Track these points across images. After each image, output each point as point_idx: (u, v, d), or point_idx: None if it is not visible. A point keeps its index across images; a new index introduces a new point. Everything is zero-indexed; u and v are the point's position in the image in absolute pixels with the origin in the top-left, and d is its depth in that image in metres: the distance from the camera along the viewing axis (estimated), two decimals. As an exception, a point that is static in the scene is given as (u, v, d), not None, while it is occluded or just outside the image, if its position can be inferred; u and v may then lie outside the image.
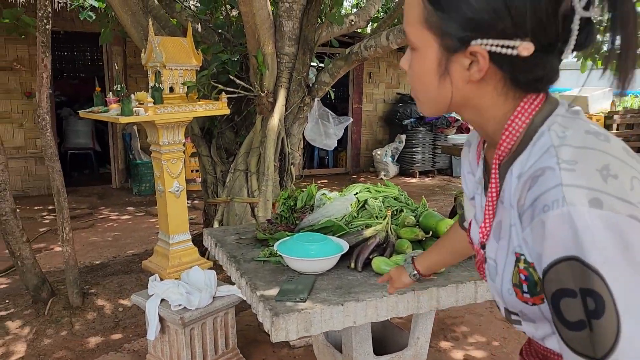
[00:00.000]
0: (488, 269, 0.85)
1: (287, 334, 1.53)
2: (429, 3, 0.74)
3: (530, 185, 0.69)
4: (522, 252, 0.75)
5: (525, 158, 0.73)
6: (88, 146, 7.81)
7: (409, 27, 0.78)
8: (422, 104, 0.84)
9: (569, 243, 0.64)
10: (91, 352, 2.92)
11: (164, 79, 3.60)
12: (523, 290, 0.77)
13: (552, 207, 0.65)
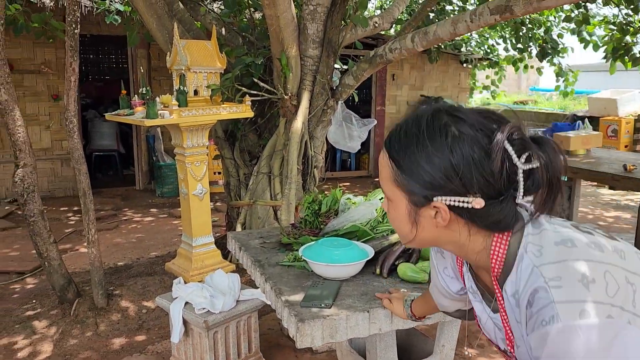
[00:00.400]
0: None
1: (313, 340, 1.50)
2: (395, 167, 0.88)
3: (529, 302, 0.80)
4: None
5: (515, 279, 0.85)
6: (112, 148, 7.91)
7: (382, 182, 0.93)
8: (403, 239, 0.97)
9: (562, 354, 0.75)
10: (115, 353, 2.94)
11: (188, 82, 3.62)
12: None
13: (549, 322, 0.76)
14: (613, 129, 7.36)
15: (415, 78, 8.69)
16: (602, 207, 6.29)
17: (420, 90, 8.73)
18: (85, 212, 3.32)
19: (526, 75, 16.58)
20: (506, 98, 11.63)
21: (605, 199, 6.75)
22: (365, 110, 8.75)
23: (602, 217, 5.77)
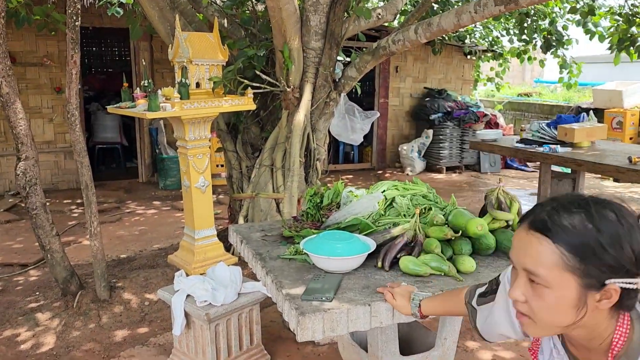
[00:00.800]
0: None
1: (313, 333, 1.50)
2: (572, 254, 0.87)
3: None
4: None
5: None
6: (115, 140, 7.92)
7: (543, 269, 0.90)
8: (538, 328, 0.95)
9: None
10: (118, 345, 2.95)
11: (190, 75, 3.60)
12: None
13: None
14: (618, 121, 7.31)
15: (418, 70, 8.64)
16: (606, 199, 6.26)
17: (423, 83, 8.69)
18: (88, 204, 3.32)
19: (530, 67, 16.47)
20: (510, 90, 11.56)
21: (609, 191, 6.72)
22: (368, 103, 8.71)
23: (606, 210, 5.75)
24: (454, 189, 6.95)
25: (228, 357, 2.52)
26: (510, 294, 0.94)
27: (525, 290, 0.92)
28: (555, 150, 4.41)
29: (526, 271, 0.92)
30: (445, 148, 8.06)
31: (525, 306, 0.93)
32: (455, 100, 8.21)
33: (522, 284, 0.93)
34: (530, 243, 0.91)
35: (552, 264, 0.89)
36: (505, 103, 10.25)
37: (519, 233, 0.94)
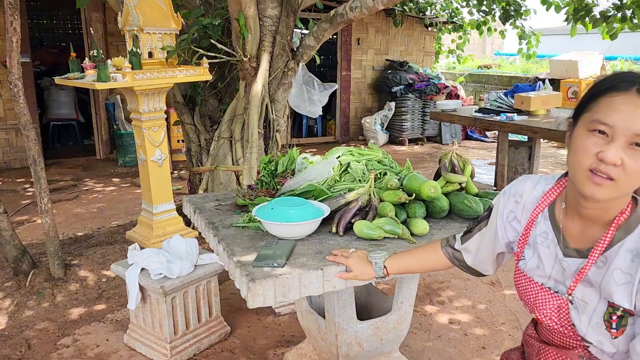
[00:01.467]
0: (576, 307, 1.10)
1: (265, 299, 1.48)
2: None
3: None
4: (621, 304, 1.02)
5: (637, 239, 1.02)
6: (71, 117, 7.64)
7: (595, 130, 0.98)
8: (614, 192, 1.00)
9: None
10: (74, 323, 2.88)
11: (142, 44, 3.47)
12: (612, 327, 1.04)
13: None
14: (573, 90, 7.47)
15: (380, 42, 8.60)
16: (562, 167, 6.43)
17: (385, 55, 8.66)
18: (37, 180, 3.20)
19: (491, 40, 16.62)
20: (471, 62, 11.65)
21: (564, 159, 6.89)
22: (331, 76, 8.65)
23: (561, 178, 5.90)
24: (416, 160, 7.00)
25: (186, 329, 2.49)
26: (610, 157, 0.97)
27: (623, 154, 0.97)
28: (512, 119, 4.47)
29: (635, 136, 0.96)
30: (408, 120, 8.10)
31: (618, 170, 0.97)
32: (417, 73, 8.22)
33: (620, 149, 0.97)
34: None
35: None
36: (466, 75, 10.34)
37: (631, 100, 0.97)
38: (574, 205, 1.10)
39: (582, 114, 1.04)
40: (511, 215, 1.25)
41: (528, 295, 1.22)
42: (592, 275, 1.07)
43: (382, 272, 1.49)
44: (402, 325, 2.15)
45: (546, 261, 1.16)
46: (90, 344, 2.65)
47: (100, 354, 2.57)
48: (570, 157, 1.05)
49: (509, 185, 1.29)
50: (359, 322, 2.03)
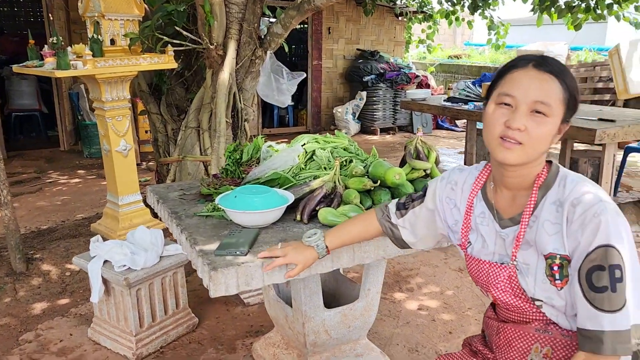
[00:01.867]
0: (521, 271, 1.21)
1: (227, 288, 1.46)
2: (567, 91, 1.13)
3: (573, 204, 1.12)
4: (557, 252, 1.14)
5: (557, 191, 1.17)
6: (33, 107, 7.40)
7: (552, 100, 1.12)
8: (523, 154, 1.14)
9: (605, 236, 1.06)
10: (36, 318, 2.80)
11: (103, 31, 3.38)
12: (556, 278, 1.15)
13: (601, 213, 1.08)
14: (540, 80, 7.60)
15: (351, 32, 8.57)
16: (529, 155, 6.54)
17: (356, 44, 8.64)
18: (-5, 172, 3.08)
19: (461, 30, 16.75)
20: (442, 52, 11.73)
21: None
22: (303, 65, 8.59)
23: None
24: (387, 149, 7.03)
25: (152, 322, 2.44)
26: (515, 124, 1.12)
27: (525, 121, 1.12)
28: (480, 108, 4.51)
29: (535, 103, 1.11)
30: (379, 109, 8.12)
31: (523, 134, 1.12)
32: (388, 62, 8.23)
33: (523, 116, 1.12)
34: (545, 80, 1.12)
35: (557, 97, 1.12)
36: (436, 65, 10.40)
37: (528, 73, 1.13)
38: (499, 181, 1.25)
39: (491, 93, 1.20)
40: (451, 203, 1.38)
41: (481, 275, 1.31)
42: (528, 236, 1.19)
43: (325, 252, 1.49)
44: (370, 312, 2.15)
45: (488, 238, 1.28)
46: (53, 339, 2.59)
47: (63, 349, 2.50)
48: (485, 129, 1.19)
49: (446, 172, 1.43)
50: (326, 310, 2.02)
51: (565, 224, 1.13)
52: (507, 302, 1.26)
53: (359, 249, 1.63)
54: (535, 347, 1.23)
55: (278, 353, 2.22)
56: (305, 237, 1.49)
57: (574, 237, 1.11)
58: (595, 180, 3.96)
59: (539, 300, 1.20)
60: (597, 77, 7.34)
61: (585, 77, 7.47)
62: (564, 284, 1.15)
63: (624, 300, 1.04)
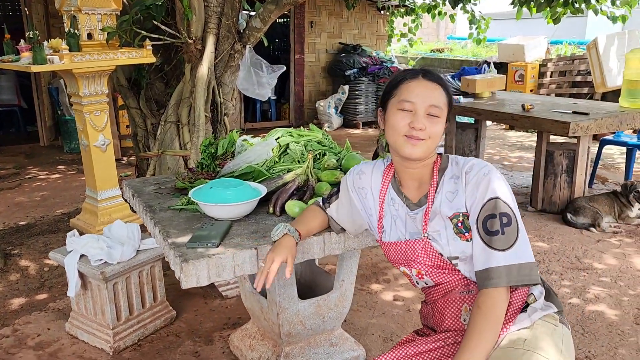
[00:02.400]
0: (434, 239, 1.41)
1: (198, 279, 1.49)
2: (448, 97, 1.41)
3: (467, 171, 1.38)
4: (459, 211, 1.38)
5: (452, 169, 1.43)
6: (12, 102, 7.32)
7: (442, 104, 1.38)
8: (428, 150, 1.39)
9: (493, 190, 1.33)
10: (14, 313, 2.79)
11: (80, 25, 3.36)
12: (462, 232, 1.37)
13: (489, 173, 1.36)
14: (520, 74, 7.68)
15: (333, 25, 8.58)
16: (508, 148, 6.63)
17: (339, 38, 8.65)
18: (-30, 167, 3.05)
19: (444, 23, 16.83)
20: (423, 46, 11.79)
21: (512, 140, 7.11)
22: (285, 59, 8.58)
23: (507, 158, 6.09)
24: (369, 143, 7.07)
25: (130, 315, 2.46)
26: (418, 124, 1.35)
27: (425, 122, 1.35)
28: (458, 101, 4.57)
29: (430, 107, 1.35)
30: (361, 103, 8.15)
31: (424, 133, 1.35)
32: (370, 56, 8.26)
33: (423, 118, 1.36)
34: (434, 89, 1.38)
35: (444, 101, 1.39)
36: (418, 59, 10.46)
37: (420, 83, 1.38)
38: (403, 175, 1.47)
39: (389, 100, 1.42)
40: (363, 192, 1.57)
41: (400, 256, 1.48)
42: (434, 208, 1.41)
43: (297, 234, 1.55)
44: (344, 302, 2.19)
45: (400, 221, 1.48)
46: (30, 334, 2.59)
47: (40, 343, 2.51)
48: (390, 131, 1.41)
49: (354, 166, 1.63)
50: (300, 301, 2.05)
51: (463, 188, 1.37)
52: (430, 272, 1.43)
53: (329, 239, 1.67)
54: (464, 307, 1.40)
55: (254, 344, 2.25)
56: (274, 235, 1.53)
57: (472, 194, 1.35)
58: (570, 172, 4.05)
59: (455, 257, 1.39)
60: (576, 70, 7.44)
61: (564, 70, 7.58)
62: (471, 235, 1.36)
63: (513, 240, 1.29)
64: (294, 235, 1.51)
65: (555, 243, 3.60)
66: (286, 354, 2.12)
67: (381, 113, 1.46)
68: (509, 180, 5.15)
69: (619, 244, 3.58)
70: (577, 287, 2.99)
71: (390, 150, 1.46)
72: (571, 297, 2.88)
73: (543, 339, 1.28)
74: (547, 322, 1.33)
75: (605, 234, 3.74)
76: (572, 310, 2.75)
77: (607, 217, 3.88)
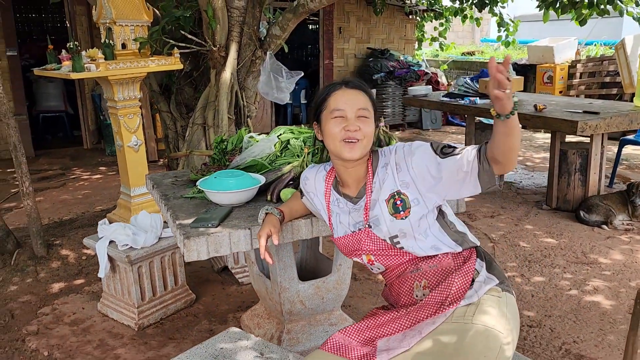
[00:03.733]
0: (375, 224, 1.57)
1: (199, 254, 1.72)
2: (371, 100, 1.61)
3: (394, 153, 1.57)
4: (393, 191, 1.54)
5: (381, 159, 1.61)
6: (60, 109, 7.84)
7: (369, 106, 1.58)
8: (365, 149, 1.57)
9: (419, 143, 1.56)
10: (54, 296, 3.12)
11: (115, 36, 3.68)
12: (399, 211, 1.53)
13: (411, 145, 1.57)
14: (549, 75, 7.67)
15: (362, 31, 8.78)
16: (534, 149, 6.66)
17: (367, 43, 8.84)
18: (18, 165, 3.42)
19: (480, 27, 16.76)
20: (455, 50, 11.83)
21: (538, 142, 7.12)
22: (315, 65, 8.84)
23: (530, 159, 6.13)
24: (395, 145, 7.21)
25: (153, 296, 2.73)
26: (352, 126, 1.53)
27: (358, 123, 1.54)
28: (475, 102, 4.69)
29: (359, 110, 1.55)
30: (388, 107, 8.31)
31: (359, 133, 1.53)
32: (398, 60, 8.41)
33: (355, 120, 1.55)
34: (358, 94, 1.58)
35: (368, 103, 1.59)
36: (449, 62, 10.52)
37: (345, 92, 1.57)
38: (344, 175, 1.64)
39: (321, 113, 1.60)
40: (311, 195, 1.77)
41: (349, 248, 1.64)
42: (373, 198, 1.57)
43: (278, 213, 1.74)
44: (342, 285, 2.39)
45: (344, 217, 1.66)
46: (67, 312, 2.90)
47: (75, 320, 2.81)
48: (329, 139, 1.58)
49: (302, 172, 1.83)
50: (300, 283, 2.26)
51: (394, 169, 1.55)
52: (378, 257, 1.59)
53: (317, 222, 1.88)
54: (415, 285, 1.56)
55: (261, 322, 2.48)
56: (259, 217, 1.76)
57: (406, 167, 1.53)
58: (584, 170, 4.12)
59: (395, 236, 1.54)
60: (605, 71, 7.39)
61: (594, 71, 7.53)
62: (407, 213, 1.52)
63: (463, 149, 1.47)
64: (273, 212, 1.73)
65: (564, 239, 3.68)
66: (288, 330, 2.33)
67: (317, 126, 1.64)
68: (529, 180, 5.22)
69: (629, 241, 3.63)
70: (577, 279, 3.09)
71: (331, 156, 1.65)
72: (570, 288, 2.99)
73: (488, 312, 1.42)
74: (492, 295, 1.47)
75: (617, 231, 3.79)
76: (569, 301, 2.85)
77: (621, 214, 3.92)
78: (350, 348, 1.48)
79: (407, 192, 1.53)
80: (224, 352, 1.76)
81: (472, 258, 1.55)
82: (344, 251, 1.67)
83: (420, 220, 1.52)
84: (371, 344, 1.48)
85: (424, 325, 1.45)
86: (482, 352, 1.35)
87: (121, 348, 2.56)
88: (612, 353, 2.39)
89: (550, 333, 2.56)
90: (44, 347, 2.58)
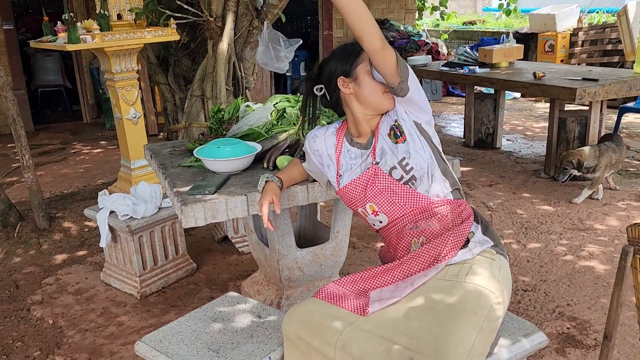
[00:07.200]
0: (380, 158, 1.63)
1: (196, 220, 1.74)
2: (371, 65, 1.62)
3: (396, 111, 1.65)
4: (391, 125, 1.64)
5: (386, 118, 1.67)
6: (58, 83, 7.80)
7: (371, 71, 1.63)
8: None
9: None
10: (57, 267, 3.17)
11: (110, 6, 3.64)
12: (397, 136, 1.62)
13: None
14: (550, 44, 7.59)
15: (361, 0, 8.65)
16: (534, 119, 6.63)
17: (367, 13, 8.71)
18: (17, 138, 3.44)
19: (482, -5, 16.47)
20: (457, 19, 11.67)
21: (539, 112, 7.09)
22: (315, 36, 8.75)
23: (530, 128, 6.12)
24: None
25: (154, 265, 2.78)
26: None
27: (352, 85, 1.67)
28: (474, 71, 4.66)
29: None
30: (389, 78, 8.24)
31: None
32: (398, 30, 8.32)
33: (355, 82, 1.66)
34: None
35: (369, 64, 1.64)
36: (450, 32, 10.40)
37: None
38: (362, 125, 1.69)
39: (357, 67, 1.63)
40: (318, 153, 1.79)
41: (356, 194, 1.66)
42: (380, 138, 1.65)
43: (278, 180, 1.78)
44: (339, 252, 2.42)
45: (356, 161, 1.70)
46: (71, 282, 2.95)
47: (79, 290, 2.87)
48: (370, 91, 1.63)
49: (309, 132, 1.85)
50: (298, 250, 2.30)
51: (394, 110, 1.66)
52: (383, 203, 1.61)
53: (312, 189, 1.90)
54: (413, 241, 1.58)
55: (260, 289, 2.52)
56: (259, 185, 1.77)
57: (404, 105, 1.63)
58: (583, 138, 4.12)
59: (402, 159, 1.60)
60: (607, 39, 7.30)
61: (596, 39, 7.44)
62: (404, 137, 1.61)
63: None
64: (274, 180, 1.75)
65: (561, 207, 3.71)
66: (287, 296, 2.38)
67: (348, 79, 1.64)
68: (529, 149, 5.22)
69: (626, 207, 3.65)
70: (573, 245, 3.13)
71: (355, 109, 1.67)
72: (565, 254, 3.02)
73: (479, 272, 1.46)
74: (485, 257, 1.52)
75: (615, 198, 3.81)
76: (564, 266, 2.89)
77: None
78: (345, 297, 1.52)
79: (400, 121, 1.64)
80: (223, 315, 1.81)
81: (470, 220, 1.59)
82: (349, 200, 1.69)
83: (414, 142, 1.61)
84: (364, 294, 1.52)
85: (416, 278, 1.50)
86: (472, 309, 1.39)
87: (124, 315, 2.61)
88: (604, 315, 2.43)
89: (545, 297, 2.61)
90: (48, 316, 2.64)
